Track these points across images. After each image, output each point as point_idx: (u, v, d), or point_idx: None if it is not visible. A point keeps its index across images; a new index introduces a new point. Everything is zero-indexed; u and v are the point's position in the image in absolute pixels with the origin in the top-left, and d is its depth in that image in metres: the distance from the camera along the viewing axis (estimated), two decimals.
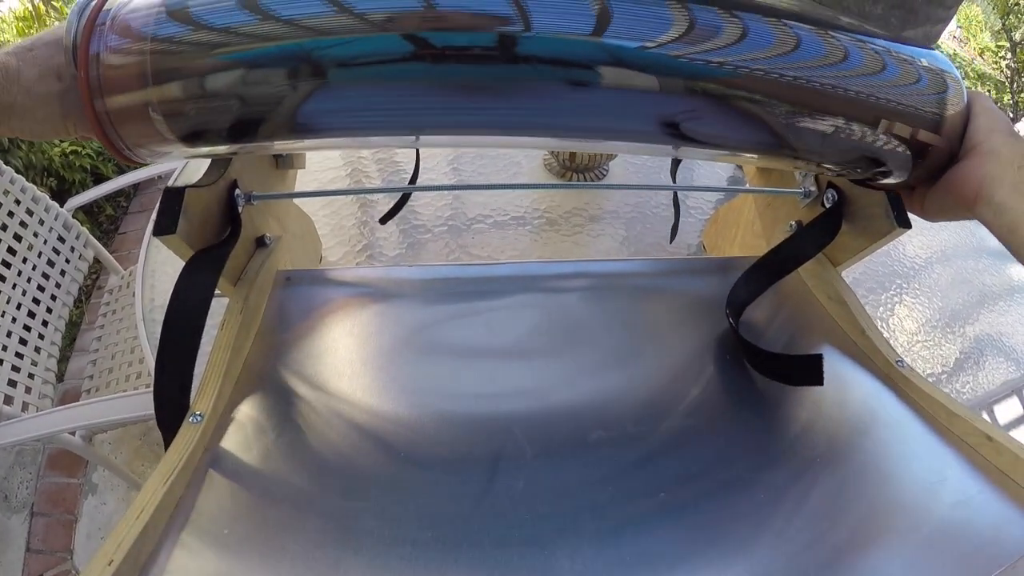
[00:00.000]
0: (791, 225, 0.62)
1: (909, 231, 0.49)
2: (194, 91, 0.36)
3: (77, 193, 1.95)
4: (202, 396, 0.41)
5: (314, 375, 0.47)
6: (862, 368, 0.50)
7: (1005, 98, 3.85)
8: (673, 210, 0.79)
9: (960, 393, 0.81)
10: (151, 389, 1.11)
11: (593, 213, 0.94)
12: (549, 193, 0.96)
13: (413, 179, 0.73)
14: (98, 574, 0.30)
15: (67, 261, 1.30)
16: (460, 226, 0.87)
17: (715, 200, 0.99)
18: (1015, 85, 3.85)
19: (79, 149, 1.99)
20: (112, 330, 1.32)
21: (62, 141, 1.97)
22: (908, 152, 0.44)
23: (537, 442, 0.41)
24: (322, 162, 0.96)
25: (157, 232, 0.42)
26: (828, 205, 0.57)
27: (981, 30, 4.52)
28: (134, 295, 1.33)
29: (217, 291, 0.46)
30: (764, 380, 0.49)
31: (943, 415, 0.44)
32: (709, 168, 1.07)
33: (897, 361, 0.49)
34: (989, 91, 3.96)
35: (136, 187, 2.23)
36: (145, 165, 0.43)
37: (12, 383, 1.09)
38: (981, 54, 4.48)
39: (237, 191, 0.50)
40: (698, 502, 0.38)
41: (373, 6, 0.34)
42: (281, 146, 0.45)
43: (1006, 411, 0.89)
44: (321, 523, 0.36)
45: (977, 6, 4.51)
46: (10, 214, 1.17)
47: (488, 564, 0.33)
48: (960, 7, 0.86)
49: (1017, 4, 3.81)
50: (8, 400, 1.06)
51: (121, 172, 2.18)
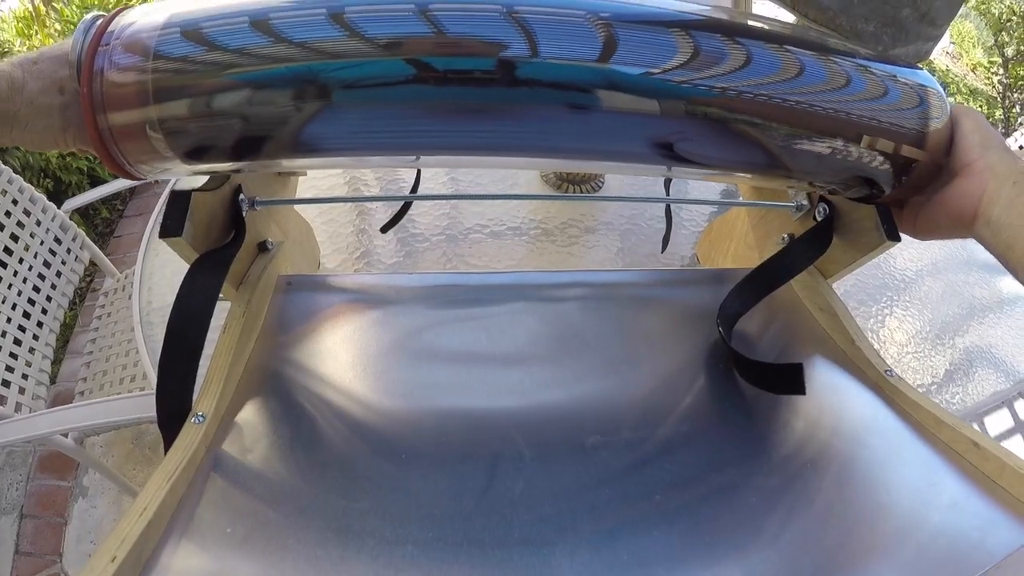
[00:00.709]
0: (783, 238, 0.63)
1: (899, 244, 0.50)
2: (196, 110, 0.37)
3: (73, 195, 1.95)
4: (204, 397, 0.42)
5: (315, 378, 0.47)
6: (853, 378, 0.51)
7: (997, 113, 3.90)
8: (666, 222, 0.81)
9: (950, 404, 0.82)
10: (145, 392, 1.11)
11: (588, 224, 0.95)
12: (545, 204, 0.97)
13: (414, 189, 0.74)
14: (101, 570, 0.31)
15: (63, 263, 1.29)
16: (457, 235, 0.88)
17: (708, 212, 1.00)
18: (1007, 101, 3.90)
19: (75, 152, 1.98)
20: (107, 332, 1.31)
21: None
22: (892, 168, 0.45)
23: (535, 446, 0.41)
24: (322, 170, 0.97)
25: (163, 234, 0.42)
26: (819, 219, 0.58)
27: (974, 46, 4.58)
28: (129, 298, 1.33)
29: (220, 295, 0.47)
30: (757, 389, 0.49)
31: (931, 423, 0.45)
32: (703, 181, 1.08)
33: (887, 371, 0.50)
34: (981, 107, 4.01)
35: (132, 190, 2.23)
36: (145, 181, 0.43)
37: (5, 383, 1.09)
38: (974, 70, 4.53)
39: (241, 196, 0.51)
40: (692, 505, 0.39)
41: (380, 31, 0.35)
42: (284, 164, 0.46)
43: (996, 422, 0.90)
44: (323, 523, 0.36)
45: (970, 23, 4.58)
46: (7, 214, 1.17)
47: (489, 563, 0.34)
48: (953, 23, 0.88)
49: (1009, 21, 3.87)
50: (1, 400, 1.06)
51: (117, 176, 2.19)
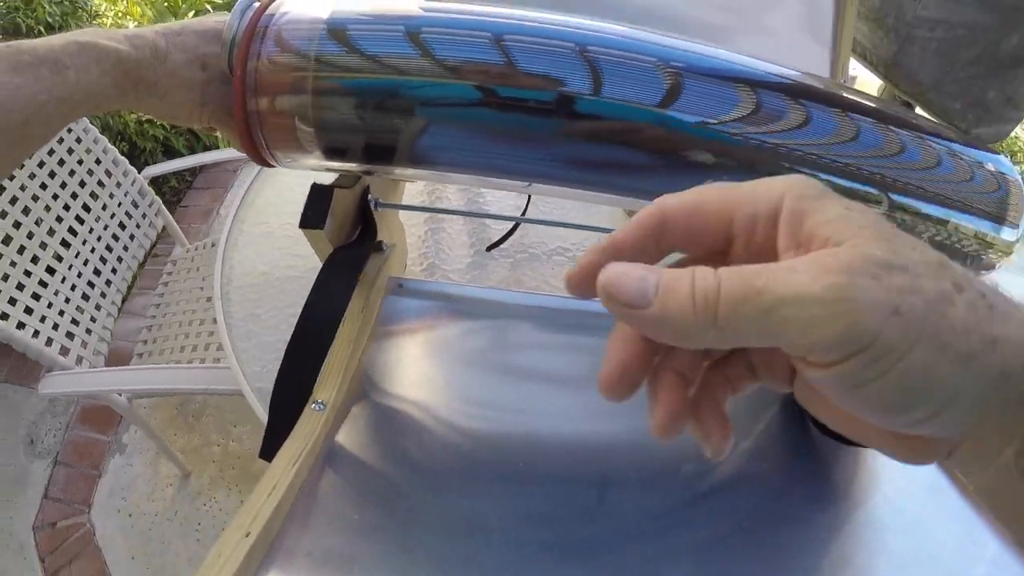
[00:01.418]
0: None
1: None
2: (350, 110, 0.38)
3: (147, 160, 2.01)
4: (324, 386, 0.44)
5: (426, 379, 0.50)
6: None
7: None
8: None
9: None
10: (212, 366, 1.15)
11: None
12: None
13: (524, 211, 0.78)
14: (235, 544, 0.32)
15: (137, 226, 1.35)
16: (526, 255, 0.89)
17: None
18: None
19: (153, 119, 2.05)
20: (172, 300, 1.36)
21: None
22: (977, 250, 0.48)
23: (638, 468, 0.44)
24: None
25: (305, 225, 0.44)
26: None
27: None
28: (198, 270, 1.39)
29: None
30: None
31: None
32: None
33: None
34: None
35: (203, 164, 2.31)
36: (271, 166, 0.46)
37: (70, 335, 1.13)
38: None
39: (369, 196, 0.53)
40: (770, 531, 0.42)
41: (531, 67, 0.38)
42: (411, 173, 0.48)
43: None
44: (448, 519, 0.38)
45: None
46: (89, 172, 1.23)
47: (606, 568, 0.37)
48: None
49: None
50: (64, 351, 1.11)
51: (190, 148, 2.21)
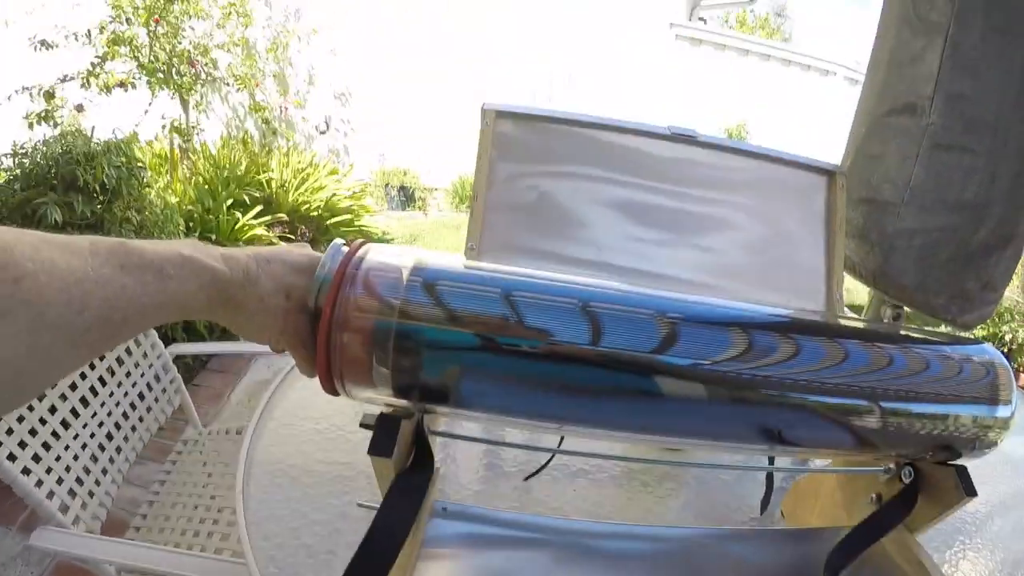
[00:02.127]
0: (872, 498, 0.68)
1: None
2: (427, 360, 0.42)
3: (167, 333, 2.07)
4: None
5: None
6: None
7: None
8: (766, 485, 0.86)
9: None
10: (218, 556, 1.11)
11: (677, 474, 0.97)
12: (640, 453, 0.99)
13: (560, 443, 0.79)
14: None
15: (156, 400, 1.37)
16: (549, 477, 0.89)
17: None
18: None
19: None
20: (179, 480, 1.35)
21: None
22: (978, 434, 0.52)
23: None
24: None
25: (375, 452, 0.47)
26: (906, 481, 0.63)
27: None
28: (211, 455, 1.38)
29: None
30: None
31: None
32: None
33: None
34: None
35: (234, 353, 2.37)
36: (336, 395, 0.48)
37: (72, 493, 1.11)
38: None
39: (425, 427, 0.55)
40: None
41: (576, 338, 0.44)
42: (464, 414, 0.51)
43: None
44: None
45: None
46: None
47: None
48: None
49: None
50: (64, 508, 1.07)
51: (210, 329, 2.29)
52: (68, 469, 1.12)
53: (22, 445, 1.04)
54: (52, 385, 1.06)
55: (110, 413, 1.25)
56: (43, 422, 1.09)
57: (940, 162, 0.88)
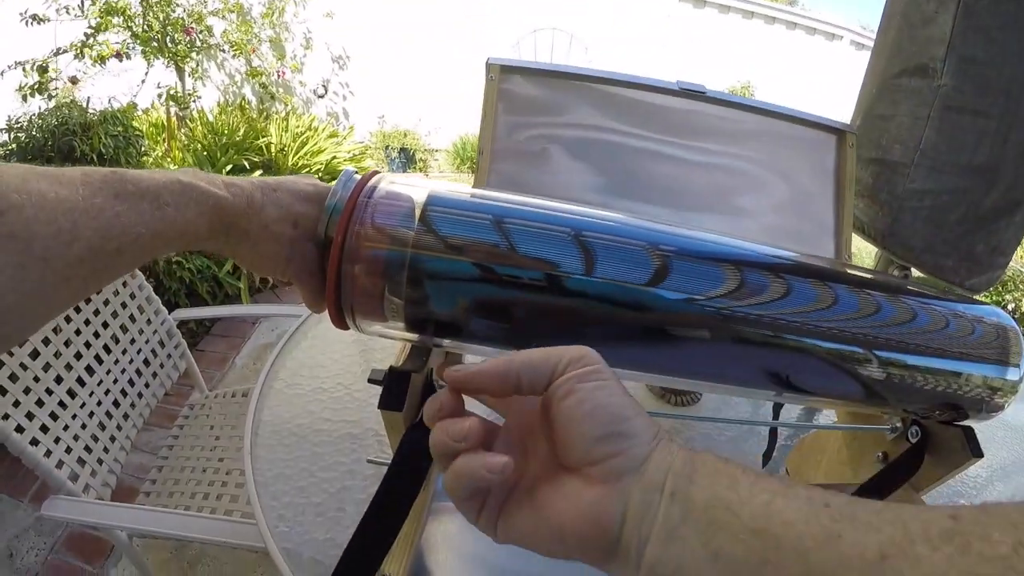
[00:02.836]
0: (878, 456, 0.68)
1: None
2: (442, 291, 0.40)
3: (170, 299, 2.08)
4: (392, 559, 0.46)
5: (470, 556, 0.51)
6: None
7: None
8: (768, 441, 0.86)
9: None
10: (228, 518, 1.12)
11: (688, 434, 0.98)
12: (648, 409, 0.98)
13: None
14: None
15: (161, 366, 1.37)
16: None
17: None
18: None
19: (183, 261, 2.15)
20: (187, 444, 1.36)
21: None
22: (986, 395, 0.52)
23: None
24: None
25: (386, 407, 0.46)
26: (913, 440, 0.64)
27: None
28: (217, 419, 1.39)
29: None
30: None
31: None
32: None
33: None
34: None
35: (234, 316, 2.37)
36: (345, 328, 0.45)
37: (81, 461, 1.12)
38: None
39: (434, 379, 0.54)
40: None
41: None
42: (475, 349, 0.49)
43: None
44: None
45: None
46: (123, 304, 1.27)
47: None
48: None
49: None
50: (73, 477, 1.08)
51: (212, 294, 2.29)
52: (76, 438, 1.12)
53: (29, 416, 1.04)
54: (44, 323, 1.07)
55: (116, 381, 1.25)
56: (49, 392, 1.09)
57: (952, 124, 0.86)
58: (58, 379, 1.12)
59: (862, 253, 1.13)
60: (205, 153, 2.93)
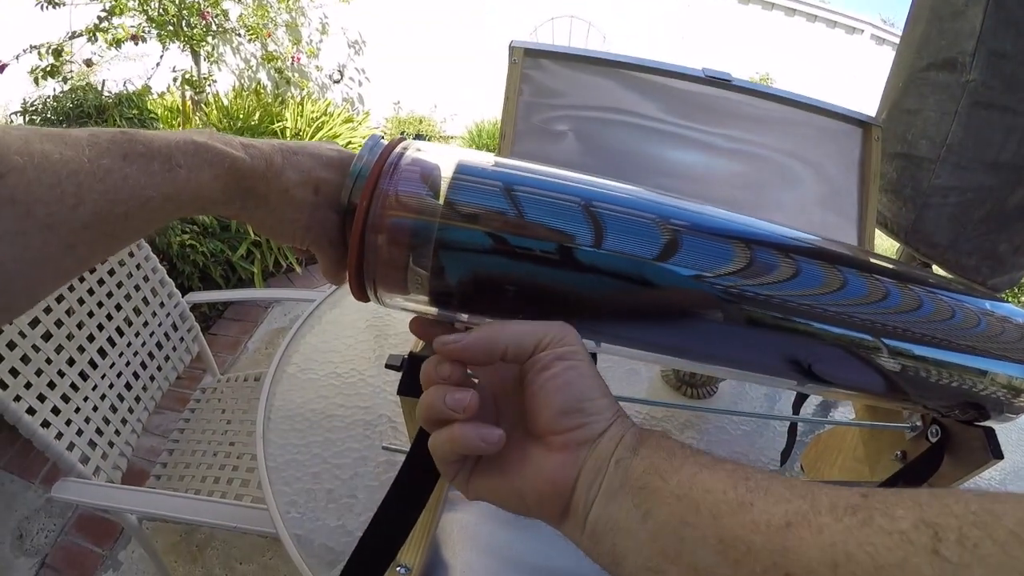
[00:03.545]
0: (897, 455, 0.67)
1: None
2: (469, 263, 0.38)
3: (183, 283, 2.08)
4: (408, 549, 0.45)
5: (486, 546, 0.51)
6: None
7: None
8: (788, 437, 0.85)
9: None
10: (239, 503, 1.13)
11: (703, 427, 0.97)
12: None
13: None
14: None
15: (173, 349, 1.37)
16: None
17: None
18: None
19: (196, 245, 2.15)
20: (198, 427, 1.36)
21: (183, 231, 2.13)
22: (1009, 396, 0.50)
23: None
24: None
25: (404, 392, 0.45)
26: (933, 439, 0.63)
27: None
28: (229, 403, 1.40)
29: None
30: None
31: None
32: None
33: None
34: None
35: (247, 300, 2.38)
36: (366, 300, 0.42)
37: (92, 444, 1.12)
38: None
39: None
40: None
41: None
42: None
43: None
44: None
45: None
46: (136, 287, 1.27)
47: None
48: None
49: None
50: (84, 459, 1.09)
51: (226, 278, 2.30)
52: (88, 420, 1.12)
53: (41, 398, 1.04)
54: (48, 293, 1.07)
55: (128, 363, 1.25)
56: (61, 375, 1.09)
57: (980, 120, 0.85)
58: (70, 361, 1.12)
59: (881, 249, 1.11)
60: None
